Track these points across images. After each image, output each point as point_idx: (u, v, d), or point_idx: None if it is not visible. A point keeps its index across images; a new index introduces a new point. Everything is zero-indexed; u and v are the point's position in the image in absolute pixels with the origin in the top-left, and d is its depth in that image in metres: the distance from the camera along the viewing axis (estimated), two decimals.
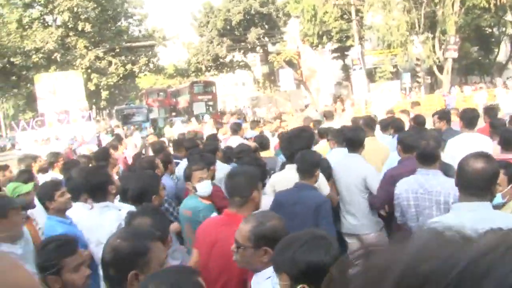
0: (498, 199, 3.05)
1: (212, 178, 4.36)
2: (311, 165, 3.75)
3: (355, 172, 4.39)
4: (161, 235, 2.31)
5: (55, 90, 25.51)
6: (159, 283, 1.72)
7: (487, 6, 22.55)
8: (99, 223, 3.28)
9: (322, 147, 6.00)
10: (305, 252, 1.87)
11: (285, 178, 3.75)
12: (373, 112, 13.15)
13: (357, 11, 27.75)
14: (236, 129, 8.53)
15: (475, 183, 2.48)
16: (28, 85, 31.82)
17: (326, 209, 3.62)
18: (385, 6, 25.34)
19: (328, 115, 9.38)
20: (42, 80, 26.56)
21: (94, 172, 3.53)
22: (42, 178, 6.14)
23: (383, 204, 4.30)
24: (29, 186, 4.23)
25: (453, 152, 4.64)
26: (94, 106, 42.53)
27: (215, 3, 39.57)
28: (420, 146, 3.56)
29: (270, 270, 2.26)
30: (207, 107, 36.02)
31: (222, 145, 7.10)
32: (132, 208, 3.26)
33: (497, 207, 2.91)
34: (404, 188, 3.57)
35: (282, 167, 4.49)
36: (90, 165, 6.11)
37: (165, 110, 38.00)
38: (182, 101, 39.43)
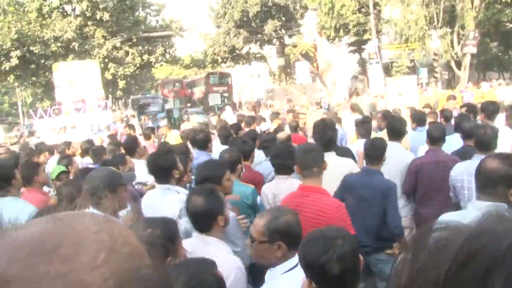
0: None
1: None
2: (381, 152, 4.01)
3: (396, 160, 4.59)
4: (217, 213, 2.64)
5: (72, 78, 25.84)
6: (178, 274, 1.78)
7: (508, 0, 22.17)
8: (160, 204, 3.48)
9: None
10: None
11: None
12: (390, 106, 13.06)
13: (375, 4, 27.51)
14: (249, 121, 8.92)
15: (490, 182, 2.51)
16: (47, 73, 32.21)
17: (393, 194, 3.86)
18: (403, 0, 25.08)
19: (355, 108, 9.68)
20: (60, 68, 26.90)
21: (163, 156, 3.80)
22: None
23: (408, 190, 4.64)
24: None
25: None
26: (110, 96, 42.88)
27: None
28: (478, 134, 3.91)
29: (285, 265, 2.33)
30: (223, 99, 36.11)
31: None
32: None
33: None
34: (459, 171, 3.86)
35: None
36: (117, 152, 6.40)
37: (181, 100, 38.21)
38: (198, 92, 39.57)
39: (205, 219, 2.71)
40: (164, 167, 3.67)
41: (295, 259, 2.30)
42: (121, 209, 3.04)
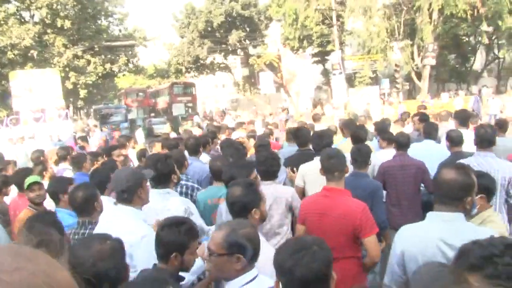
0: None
1: None
2: (367, 156, 4.46)
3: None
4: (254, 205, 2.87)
5: (31, 87, 24.97)
6: None
7: (464, 16, 22.95)
8: (164, 207, 3.63)
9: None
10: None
11: (316, 167, 4.00)
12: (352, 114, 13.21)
13: (338, 16, 27.96)
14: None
15: (449, 193, 2.52)
16: (3, 82, 31.11)
17: (380, 193, 4.33)
18: (365, 12, 25.59)
19: (316, 118, 10.41)
20: (18, 77, 25.97)
21: (163, 161, 3.88)
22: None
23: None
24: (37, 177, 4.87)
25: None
26: (71, 105, 41.87)
27: (197, 4, 39.49)
28: (478, 133, 4.28)
29: (243, 278, 2.32)
30: (187, 109, 35.85)
31: None
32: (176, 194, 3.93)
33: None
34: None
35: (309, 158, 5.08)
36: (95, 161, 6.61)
37: (144, 110, 37.71)
38: (161, 102, 39.16)
39: (240, 210, 2.90)
40: (165, 173, 3.83)
41: (254, 271, 2.35)
42: (145, 203, 3.28)
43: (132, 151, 9.09)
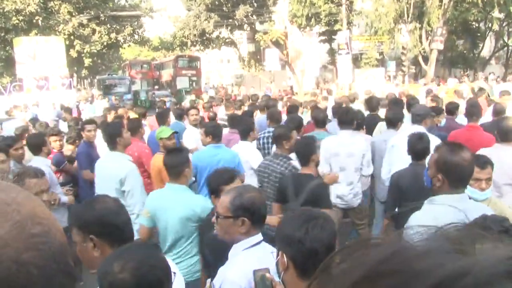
0: (476, 194, 3.15)
1: None
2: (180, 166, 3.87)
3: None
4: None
5: (35, 55, 24.87)
6: (127, 260, 1.66)
7: (475, 1, 22.62)
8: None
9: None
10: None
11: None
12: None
13: None
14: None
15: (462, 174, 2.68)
16: (7, 48, 30.93)
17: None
18: None
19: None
20: (22, 43, 25.84)
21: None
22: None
23: None
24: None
25: None
26: (75, 74, 41.73)
27: None
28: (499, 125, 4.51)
29: (247, 242, 2.46)
30: (191, 82, 35.73)
31: None
32: None
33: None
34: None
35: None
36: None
37: (148, 82, 37.60)
38: (166, 75, 39.00)
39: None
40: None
41: (258, 236, 2.48)
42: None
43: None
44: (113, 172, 4.45)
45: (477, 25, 35.26)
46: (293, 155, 4.59)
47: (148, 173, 5.64)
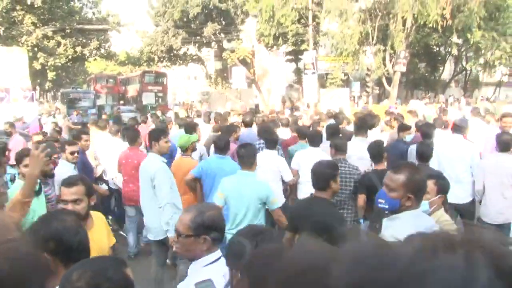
0: (425, 206, 3.22)
1: None
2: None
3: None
4: None
5: None
6: (84, 270, 1.67)
7: (436, 26, 23.46)
8: None
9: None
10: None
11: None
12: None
13: (314, 16, 28.12)
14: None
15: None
16: None
17: None
18: (341, 15, 25.82)
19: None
20: None
21: None
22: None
23: None
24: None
25: None
26: (38, 87, 40.82)
27: None
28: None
29: (207, 258, 2.50)
30: (157, 98, 35.48)
31: None
32: None
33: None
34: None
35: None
36: None
37: (113, 97, 37.10)
38: (132, 90, 38.61)
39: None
40: None
41: (217, 252, 2.53)
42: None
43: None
44: (146, 170, 5.18)
45: (437, 49, 36.57)
46: None
47: None
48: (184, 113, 19.87)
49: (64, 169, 5.47)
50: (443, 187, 3.59)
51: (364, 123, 6.83)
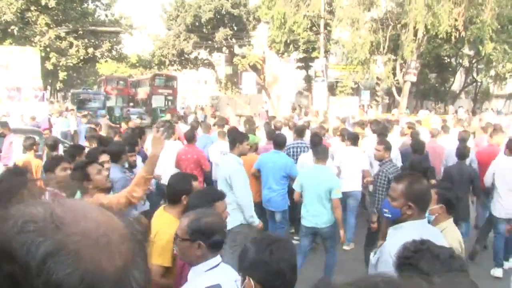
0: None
1: None
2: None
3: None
4: None
5: (8, 64, 24.38)
6: None
7: (447, 37, 23.41)
8: None
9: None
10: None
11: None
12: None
13: (326, 24, 28.16)
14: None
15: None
16: None
17: None
18: (353, 24, 25.83)
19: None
20: None
21: None
22: None
23: None
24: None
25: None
26: (49, 87, 41.15)
27: None
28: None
29: (206, 264, 2.53)
30: (166, 101, 35.61)
31: None
32: None
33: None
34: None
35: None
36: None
37: (123, 99, 37.26)
38: (142, 92, 38.81)
39: None
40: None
41: (217, 259, 2.55)
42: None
43: None
44: (224, 169, 5.65)
45: (448, 60, 36.46)
46: None
47: (202, 171, 7.83)
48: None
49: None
50: (443, 196, 3.60)
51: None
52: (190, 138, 8.17)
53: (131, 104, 37.60)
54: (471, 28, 23.53)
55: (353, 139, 7.84)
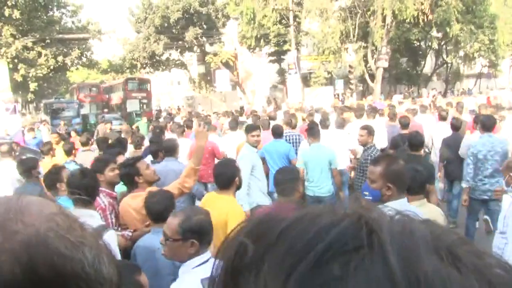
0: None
1: None
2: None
3: None
4: None
5: None
6: None
7: (415, 21, 23.76)
8: None
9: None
10: None
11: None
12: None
13: (295, 16, 28.29)
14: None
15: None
16: None
17: None
18: (322, 14, 26.01)
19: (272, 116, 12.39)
20: None
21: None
22: None
23: None
24: None
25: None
26: (20, 99, 40.37)
27: None
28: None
29: (196, 260, 2.54)
30: (141, 105, 35.26)
31: None
32: None
33: None
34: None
35: None
36: None
37: (97, 106, 36.77)
38: (115, 98, 38.34)
39: None
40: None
41: (206, 254, 2.57)
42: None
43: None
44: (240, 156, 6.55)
45: (418, 44, 36.99)
46: None
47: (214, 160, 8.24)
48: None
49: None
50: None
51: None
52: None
53: (106, 110, 37.15)
54: (438, 11, 23.93)
55: (339, 123, 8.96)
